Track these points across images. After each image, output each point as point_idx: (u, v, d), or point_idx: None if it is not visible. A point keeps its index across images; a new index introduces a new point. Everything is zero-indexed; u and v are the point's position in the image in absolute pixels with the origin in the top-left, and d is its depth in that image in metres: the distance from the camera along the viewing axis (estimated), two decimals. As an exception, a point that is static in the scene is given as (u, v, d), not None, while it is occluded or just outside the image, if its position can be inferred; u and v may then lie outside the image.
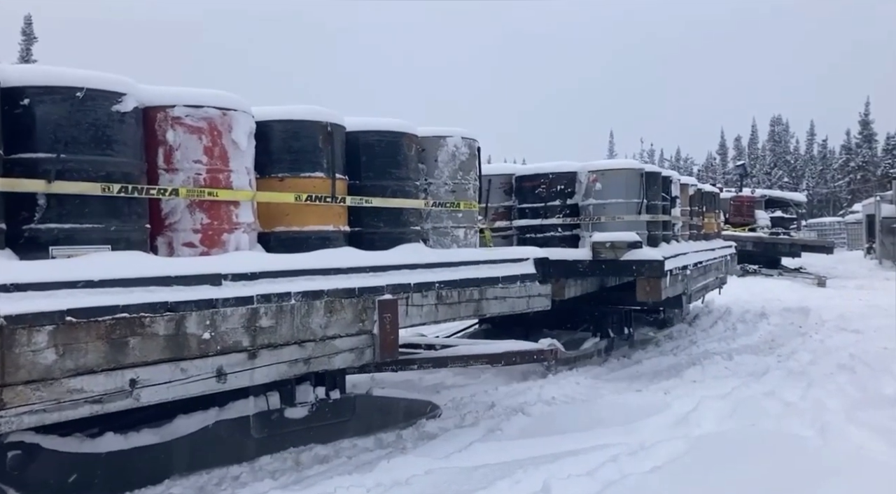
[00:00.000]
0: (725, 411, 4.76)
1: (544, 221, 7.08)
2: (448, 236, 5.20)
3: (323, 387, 4.24)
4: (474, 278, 4.81)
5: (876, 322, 9.25)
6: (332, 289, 3.80)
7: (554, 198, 7.04)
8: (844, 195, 55.72)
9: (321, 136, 4.23)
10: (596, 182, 6.87)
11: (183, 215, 3.65)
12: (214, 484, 3.67)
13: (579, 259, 6.62)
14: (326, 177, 4.25)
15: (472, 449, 4.13)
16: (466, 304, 4.76)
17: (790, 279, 16.98)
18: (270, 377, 3.48)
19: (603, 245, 6.52)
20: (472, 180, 5.36)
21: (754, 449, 3.88)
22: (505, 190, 7.31)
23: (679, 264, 7.13)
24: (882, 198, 23.46)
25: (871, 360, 6.45)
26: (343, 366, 3.92)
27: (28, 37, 39.78)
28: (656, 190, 7.24)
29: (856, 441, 3.99)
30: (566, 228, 7.02)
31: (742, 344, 7.97)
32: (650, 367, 6.75)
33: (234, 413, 3.88)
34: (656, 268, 6.40)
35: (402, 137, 4.78)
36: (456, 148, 5.22)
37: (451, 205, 5.17)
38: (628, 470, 3.60)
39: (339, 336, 3.82)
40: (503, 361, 5.56)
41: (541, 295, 5.38)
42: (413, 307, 4.33)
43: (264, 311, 3.43)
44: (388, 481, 3.56)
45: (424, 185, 5.11)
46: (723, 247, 10.51)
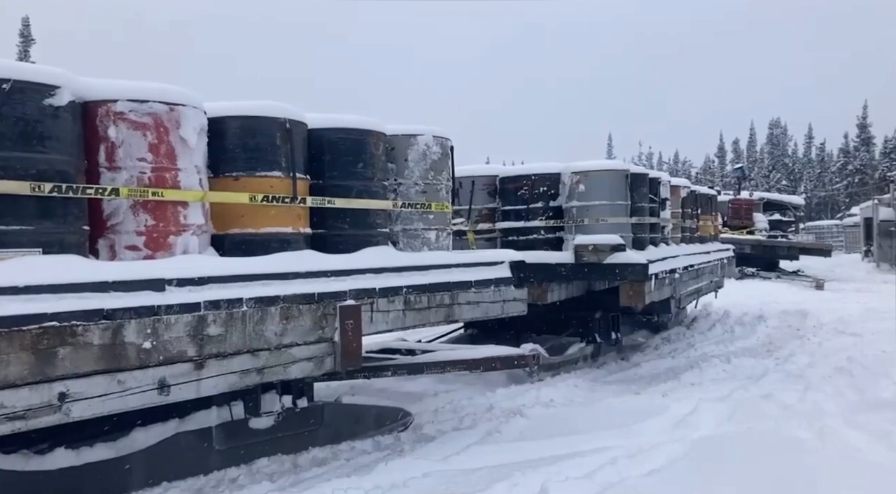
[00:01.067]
0: (723, 414, 4.76)
1: (527, 223, 6.95)
2: (419, 238, 5.00)
3: (290, 396, 4.09)
4: (445, 282, 4.65)
5: (874, 325, 9.25)
6: (289, 295, 3.62)
7: (537, 199, 6.91)
8: (842, 198, 55.80)
9: (279, 133, 4.04)
10: (579, 183, 6.72)
11: (126, 216, 3.45)
12: (212, 487, 3.66)
13: (562, 262, 6.46)
14: (285, 176, 4.06)
15: (470, 452, 4.13)
16: (437, 309, 4.58)
17: (788, 282, 17.00)
18: (219, 388, 3.30)
19: (586, 248, 6.36)
20: (445, 181, 5.18)
21: (752, 452, 3.89)
22: (488, 191, 7.19)
23: (666, 267, 7.00)
24: (880, 202, 23.48)
25: (869, 363, 6.44)
26: (301, 376, 3.73)
27: (26, 38, 39.79)
28: (643, 191, 7.11)
29: (854, 443, 3.99)
30: (549, 231, 6.90)
31: (740, 347, 7.97)
32: (648, 370, 6.75)
33: (195, 424, 3.72)
34: (640, 272, 6.21)
35: (368, 135, 4.60)
36: (427, 147, 5.04)
37: (422, 206, 4.98)
38: (626, 473, 3.60)
39: (297, 344, 3.64)
40: (482, 367, 5.37)
41: (516, 299, 5.23)
42: (378, 313, 4.16)
43: (213, 318, 3.25)
44: (386, 483, 3.55)
45: (394, 186, 4.95)
46: (719, 250, 10.35)
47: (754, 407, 4.95)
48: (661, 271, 6.77)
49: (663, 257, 7.08)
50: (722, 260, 10.18)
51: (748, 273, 17.53)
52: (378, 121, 4.71)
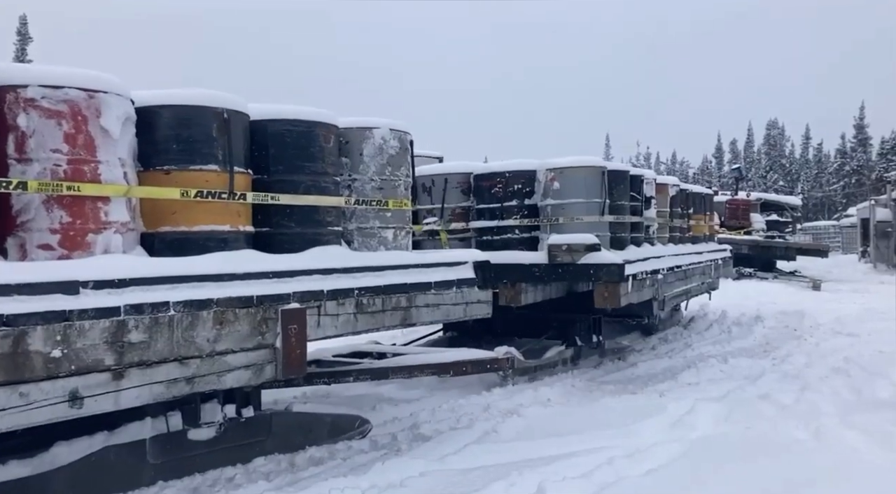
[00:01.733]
0: (721, 414, 4.77)
1: (501, 223, 6.67)
2: (375, 237, 4.75)
3: (234, 405, 3.86)
4: (402, 284, 4.42)
5: (871, 325, 9.27)
6: (224, 298, 3.36)
7: (511, 198, 6.65)
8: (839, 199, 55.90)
9: (215, 124, 3.76)
10: (554, 181, 6.46)
11: (38, 213, 3.17)
12: (208, 486, 3.66)
13: (535, 262, 6.21)
14: (222, 170, 3.78)
15: (468, 451, 4.13)
16: (392, 313, 4.34)
17: (785, 282, 17.01)
18: (142, 399, 3.05)
19: (559, 247, 6.10)
20: (404, 176, 4.90)
21: (749, 452, 3.90)
22: (462, 189, 6.92)
23: (647, 268, 6.75)
24: (877, 202, 23.53)
25: (865, 364, 6.46)
26: (237, 385, 3.47)
27: (23, 37, 39.70)
28: (623, 189, 6.86)
29: (850, 444, 4.00)
30: (524, 230, 6.63)
31: (737, 347, 7.98)
32: (645, 370, 6.75)
33: (126, 436, 3.45)
34: (614, 273, 5.95)
35: (318, 127, 4.33)
36: (384, 140, 4.76)
37: (378, 203, 4.71)
38: (624, 473, 3.60)
39: (232, 351, 3.39)
40: (452, 371, 5.20)
41: (481, 301, 5.01)
42: (327, 316, 3.91)
43: (134, 324, 3.00)
44: (383, 483, 3.55)
45: (348, 181, 4.69)
46: (713, 251, 10.12)
47: (751, 408, 4.96)
48: (641, 272, 6.53)
49: (645, 257, 6.88)
50: (716, 261, 9.90)
51: (745, 273, 17.54)
52: (329, 113, 4.45)
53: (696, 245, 9.53)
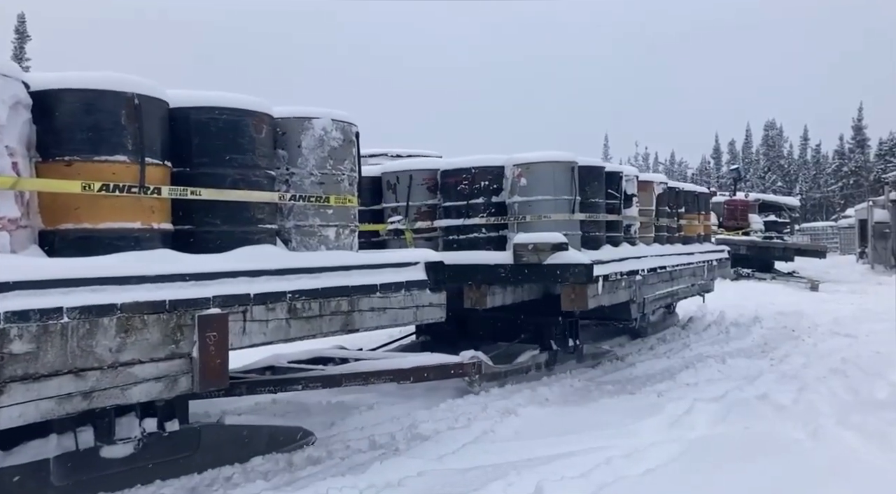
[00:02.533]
0: (719, 414, 4.77)
1: (467, 221, 6.29)
2: (315, 236, 4.42)
3: (155, 419, 3.57)
4: (343, 286, 4.13)
5: (868, 326, 9.28)
6: (130, 303, 3.06)
7: (477, 195, 6.29)
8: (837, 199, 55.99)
9: (124, 111, 3.40)
10: (521, 177, 6.08)
11: None
12: (206, 485, 3.65)
13: (501, 263, 5.84)
14: (131, 161, 3.43)
15: (465, 451, 4.13)
16: (332, 318, 4.07)
17: (783, 283, 17.04)
18: (27, 418, 2.73)
19: (525, 247, 5.72)
20: (348, 171, 4.59)
21: (747, 452, 3.90)
22: (429, 187, 6.56)
23: (624, 269, 6.43)
24: (875, 203, 23.57)
25: (863, 364, 6.46)
26: (146, 399, 3.18)
27: (21, 35, 39.65)
28: (597, 186, 6.53)
29: (848, 444, 4.00)
30: (491, 229, 6.27)
31: (735, 348, 7.99)
32: (643, 370, 6.75)
33: (26, 456, 3.15)
34: (582, 273, 5.58)
35: (247, 116, 4.00)
36: (325, 132, 4.44)
37: (319, 199, 4.39)
38: (622, 473, 3.61)
39: (140, 361, 3.10)
40: (412, 377, 4.97)
41: (433, 305, 4.75)
42: (254, 323, 3.62)
43: (18, 333, 2.69)
44: (381, 482, 3.55)
45: (285, 176, 4.36)
46: (707, 251, 9.72)
47: (749, 408, 4.96)
48: (615, 273, 6.22)
49: (621, 258, 6.59)
50: (709, 263, 9.51)
51: (743, 274, 17.56)
52: (261, 101, 4.12)
53: (687, 245, 9.19)
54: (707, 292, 9.92)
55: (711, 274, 9.65)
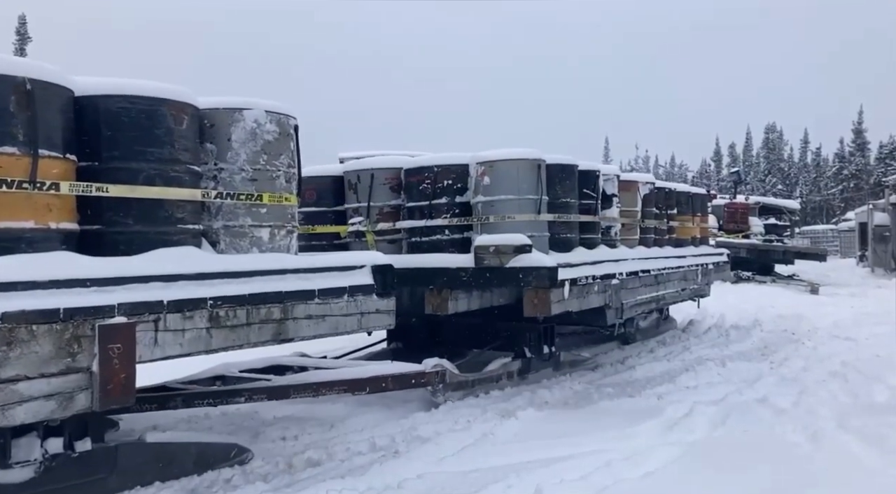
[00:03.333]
0: (718, 417, 4.77)
1: (429, 222, 5.98)
2: (246, 237, 4.09)
3: (61, 438, 3.24)
4: (274, 292, 3.82)
5: (868, 329, 9.29)
6: (15, 312, 2.74)
7: (441, 195, 5.98)
8: (838, 203, 56.01)
9: (14, 97, 3.07)
10: (484, 175, 5.77)
11: None
12: (206, 487, 3.66)
13: (462, 266, 5.53)
14: (22, 153, 3.09)
15: (465, 453, 4.13)
16: (261, 326, 3.76)
17: (783, 286, 17.04)
18: None
19: (486, 249, 5.42)
20: (285, 167, 4.27)
21: (747, 456, 3.90)
22: (392, 186, 6.27)
23: (598, 273, 6.13)
24: (875, 207, 23.58)
25: (863, 368, 6.47)
26: (33, 420, 2.86)
27: (22, 36, 39.71)
28: (569, 185, 6.23)
29: (847, 448, 4.00)
30: (455, 230, 5.96)
31: (735, 351, 7.98)
32: (643, 373, 6.75)
33: None
34: (544, 277, 5.28)
35: (165, 105, 3.64)
36: (258, 124, 4.13)
37: (250, 197, 4.07)
38: (621, 476, 3.61)
39: (26, 377, 2.78)
40: (368, 388, 4.74)
41: (381, 311, 4.48)
42: (167, 333, 3.29)
43: None
44: (380, 485, 3.56)
45: (213, 172, 4.03)
46: (702, 255, 9.39)
47: (749, 411, 4.96)
48: (586, 277, 5.90)
49: (596, 261, 6.27)
50: (704, 266, 9.14)
51: (743, 276, 17.56)
52: (182, 89, 3.81)
53: (679, 248, 8.83)
54: (701, 297, 9.59)
55: (706, 279, 9.31)
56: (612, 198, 7.04)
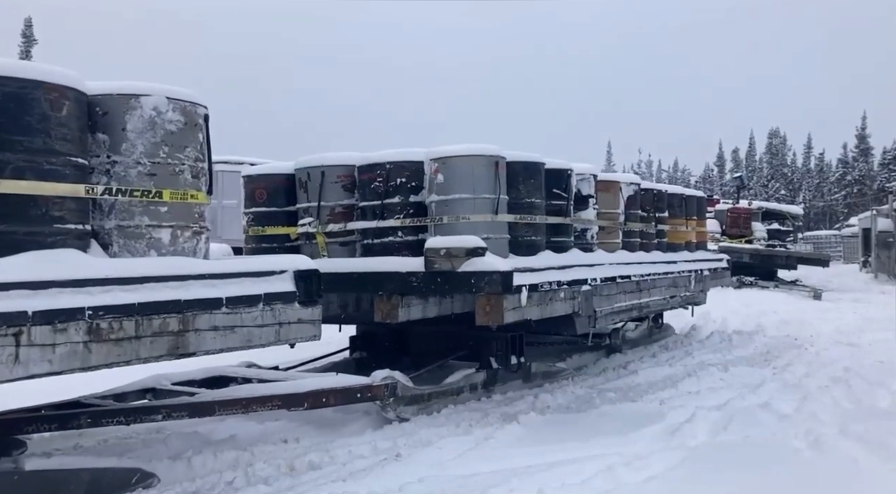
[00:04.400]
0: (720, 422, 4.77)
1: (381, 223, 5.59)
2: (142, 239, 3.66)
3: None
4: (172, 301, 3.39)
5: (871, 335, 9.27)
6: None
7: (393, 193, 5.59)
8: (841, 208, 55.95)
9: None
10: (438, 173, 5.41)
11: None
12: (208, 489, 3.66)
13: (413, 271, 5.13)
14: None
15: (466, 457, 4.13)
16: (154, 340, 3.33)
17: (786, 291, 17.01)
18: None
19: (437, 252, 5.03)
20: (191, 161, 3.83)
21: (748, 461, 3.90)
22: (344, 185, 5.87)
23: (564, 278, 5.65)
24: (878, 212, 23.52)
25: (866, 374, 6.46)
26: None
27: (28, 38, 39.89)
28: (534, 184, 5.84)
29: (849, 454, 3.99)
30: (409, 232, 5.57)
31: (737, 356, 7.97)
32: (645, 378, 6.74)
33: None
34: (496, 282, 4.89)
35: (39, 89, 3.20)
36: (158, 112, 3.69)
37: (148, 194, 3.64)
38: (623, 480, 3.61)
39: None
40: (307, 404, 4.44)
41: (302, 321, 4.09)
42: (33, 348, 2.89)
43: None
44: (381, 489, 3.56)
45: (106, 165, 3.61)
46: (698, 260, 8.89)
47: (751, 416, 4.95)
48: (549, 282, 5.45)
49: (563, 265, 5.83)
50: (698, 272, 8.64)
51: (746, 282, 17.55)
52: (64, 71, 3.39)
53: (669, 253, 8.37)
54: (695, 305, 9.08)
55: (701, 286, 8.81)
56: (588, 198, 6.69)
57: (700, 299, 9.01)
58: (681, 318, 10.42)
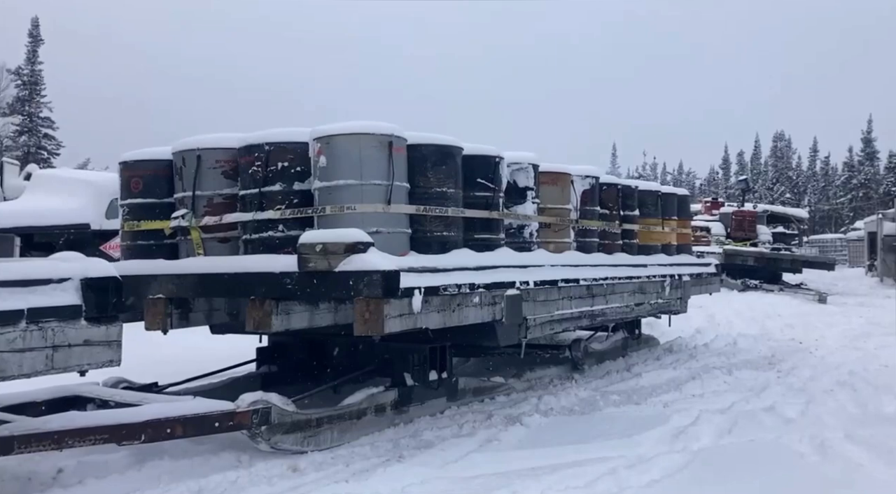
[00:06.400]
0: (724, 425, 4.76)
1: (258, 215, 4.78)
2: None
3: None
4: None
5: (877, 339, 9.25)
6: None
7: (273, 180, 4.78)
8: (846, 212, 55.80)
9: None
10: (321, 155, 4.63)
11: None
12: (211, 489, 3.66)
13: (287, 271, 4.32)
14: None
15: (470, 459, 4.12)
16: None
17: (791, 295, 16.97)
18: None
19: (311, 248, 4.23)
20: None
21: (753, 465, 3.89)
22: (225, 171, 5.07)
23: (479, 280, 4.84)
24: (884, 216, 23.48)
25: (871, 378, 6.44)
26: None
27: (34, 38, 40.03)
28: (446, 171, 5.03)
29: (854, 458, 3.98)
30: (292, 225, 4.73)
31: (742, 360, 7.95)
32: (650, 380, 6.73)
33: None
34: (375, 284, 4.08)
35: None
36: None
37: None
38: (626, 483, 3.60)
39: None
40: (144, 436, 3.74)
41: (91, 343, 3.47)
42: None
43: None
44: (384, 490, 3.55)
45: None
46: (677, 264, 8.06)
47: (755, 420, 4.94)
48: (457, 284, 4.64)
49: (481, 266, 4.99)
50: (676, 277, 7.82)
51: (751, 285, 17.52)
52: None
53: (641, 256, 7.57)
54: (670, 313, 8.18)
55: (680, 292, 7.91)
56: (527, 191, 5.85)
57: (677, 307, 8.08)
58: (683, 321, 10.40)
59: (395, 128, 4.83)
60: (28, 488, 3.68)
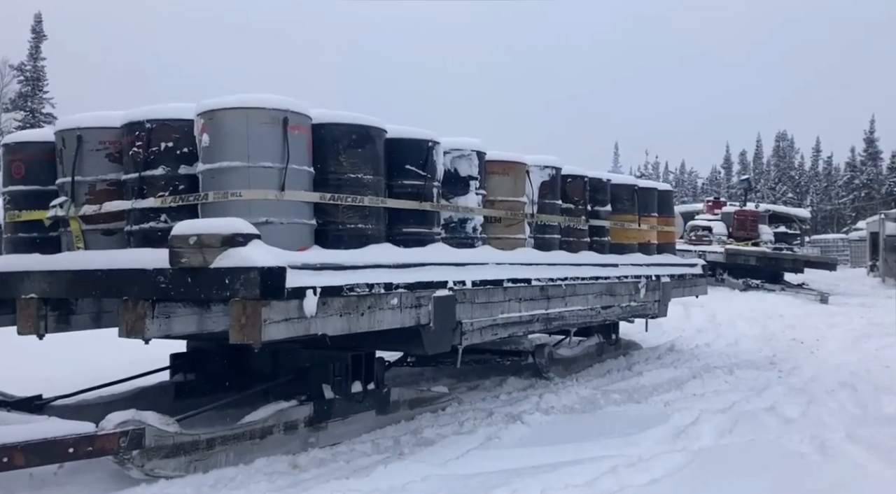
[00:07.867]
0: (725, 425, 4.76)
1: (137, 203, 4.18)
2: None
3: None
4: None
5: (878, 340, 9.25)
6: None
7: (155, 163, 4.17)
8: (849, 212, 55.73)
9: None
10: (204, 133, 4.00)
11: None
12: (210, 486, 3.66)
13: (161, 268, 3.68)
14: None
15: (470, 457, 4.12)
16: None
17: (792, 295, 16.96)
18: None
19: (185, 241, 3.60)
20: None
21: (753, 465, 3.89)
22: (110, 153, 4.44)
23: (401, 279, 4.26)
24: (886, 216, 23.47)
25: (872, 378, 6.44)
26: None
27: (38, 34, 40.06)
28: (363, 155, 4.41)
29: (855, 459, 3.98)
30: (177, 215, 4.06)
31: (743, 359, 7.95)
32: (651, 380, 6.72)
33: None
34: (252, 283, 3.45)
35: None
36: None
37: None
38: (627, 482, 3.60)
39: None
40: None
41: None
42: None
43: None
44: (385, 487, 3.55)
45: None
46: (655, 265, 7.49)
47: (756, 420, 4.94)
48: (368, 284, 4.02)
49: (403, 263, 4.40)
50: (653, 278, 7.26)
51: (753, 285, 17.51)
52: None
53: (612, 255, 6.97)
54: (646, 317, 7.56)
55: (657, 294, 7.35)
56: (469, 181, 5.30)
57: (654, 311, 7.43)
58: (684, 321, 10.41)
59: (293, 102, 4.14)
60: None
